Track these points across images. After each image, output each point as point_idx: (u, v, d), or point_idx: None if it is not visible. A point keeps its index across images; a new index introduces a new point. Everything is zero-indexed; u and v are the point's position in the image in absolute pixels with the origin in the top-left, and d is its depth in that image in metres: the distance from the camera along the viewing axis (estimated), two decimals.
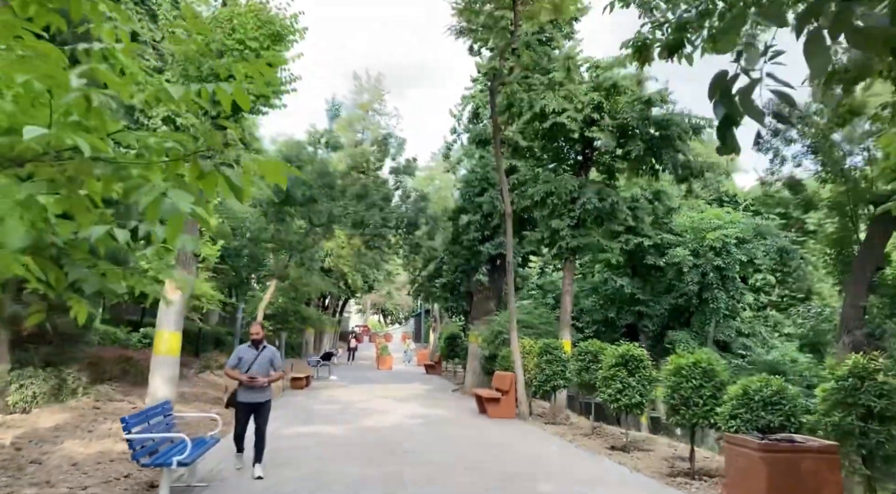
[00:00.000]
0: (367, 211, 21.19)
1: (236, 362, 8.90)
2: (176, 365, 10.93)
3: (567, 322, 18.46)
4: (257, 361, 8.87)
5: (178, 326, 11.19)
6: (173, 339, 11.05)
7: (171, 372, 10.82)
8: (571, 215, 18.01)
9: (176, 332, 11.11)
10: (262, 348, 8.96)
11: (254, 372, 8.80)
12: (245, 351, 8.98)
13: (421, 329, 63.40)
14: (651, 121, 17.40)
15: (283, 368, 9.16)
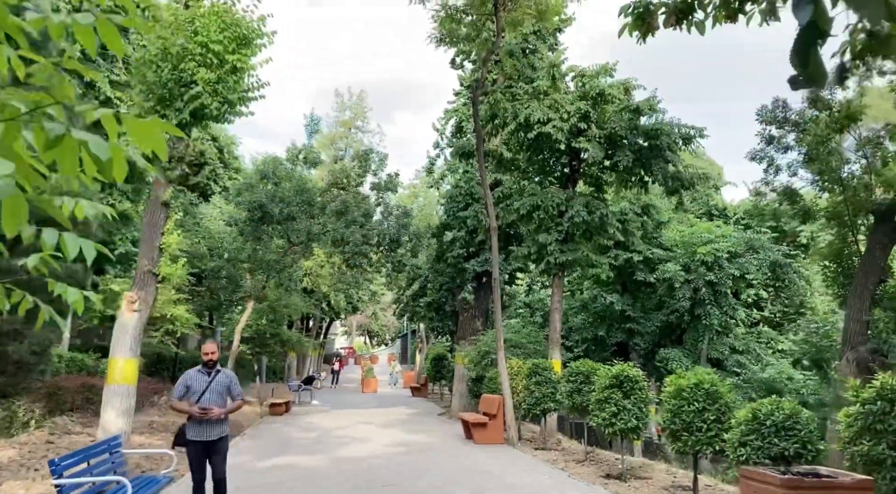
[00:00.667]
0: (347, 228, 20.34)
1: (183, 391, 7.38)
2: (131, 396, 9.99)
3: (557, 341, 17.65)
4: (210, 389, 7.33)
5: (135, 352, 10.26)
6: (128, 367, 10.11)
7: (125, 403, 9.87)
8: (559, 229, 17.27)
9: (131, 359, 10.18)
10: (215, 372, 7.44)
11: (206, 402, 7.27)
12: (194, 376, 7.44)
13: (408, 350, 62.33)
14: (640, 130, 16.76)
15: (242, 396, 7.64)
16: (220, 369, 7.50)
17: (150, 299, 10.50)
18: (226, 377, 7.50)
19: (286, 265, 22.44)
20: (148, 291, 10.48)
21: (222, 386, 7.42)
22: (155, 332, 24.50)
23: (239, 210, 22.18)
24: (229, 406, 7.51)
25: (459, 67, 24.31)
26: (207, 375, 7.46)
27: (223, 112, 10.99)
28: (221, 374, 7.49)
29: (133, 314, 10.21)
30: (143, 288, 10.44)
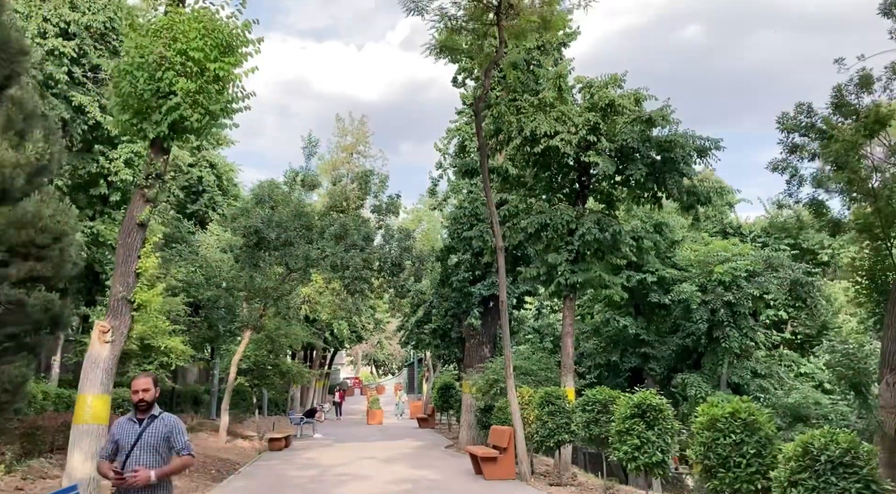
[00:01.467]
0: (347, 252, 19.42)
1: (111, 449, 5.34)
2: (101, 436, 9.00)
3: (569, 367, 16.60)
4: (141, 443, 5.22)
5: (106, 387, 9.28)
6: (99, 404, 9.12)
7: (95, 445, 8.86)
8: (569, 248, 16.32)
9: (103, 395, 9.19)
10: (149, 419, 5.33)
11: (134, 462, 5.16)
12: (123, 427, 5.35)
13: (414, 379, 61.07)
14: (653, 142, 15.87)
15: (190, 449, 5.51)
16: (157, 414, 5.40)
17: (124, 329, 9.56)
18: (164, 425, 5.37)
19: (284, 293, 21.48)
20: (122, 320, 9.55)
21: (158, 438, 5.28)
22: (148, 365, 23.51)
23: (235, 236, 21.33)
24: (168, 466, 5.29)
25: (462, 85, 23.59)
26: (138, 424, 5.33)
27: (205, 124, 10.14)
28: (158, 422, 5.36)
29: (105, 345, 9.26)
30: (118, 317, 9.51)
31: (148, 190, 10.07)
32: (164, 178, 10.45)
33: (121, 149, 21.48)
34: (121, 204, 22.41)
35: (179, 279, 26.79)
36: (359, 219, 20.75)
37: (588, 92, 16.41)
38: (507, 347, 15.12)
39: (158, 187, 10.15)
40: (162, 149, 10.27)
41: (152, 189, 10.10)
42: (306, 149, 22.51)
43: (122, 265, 9.73)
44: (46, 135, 12.44)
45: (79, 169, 21.19)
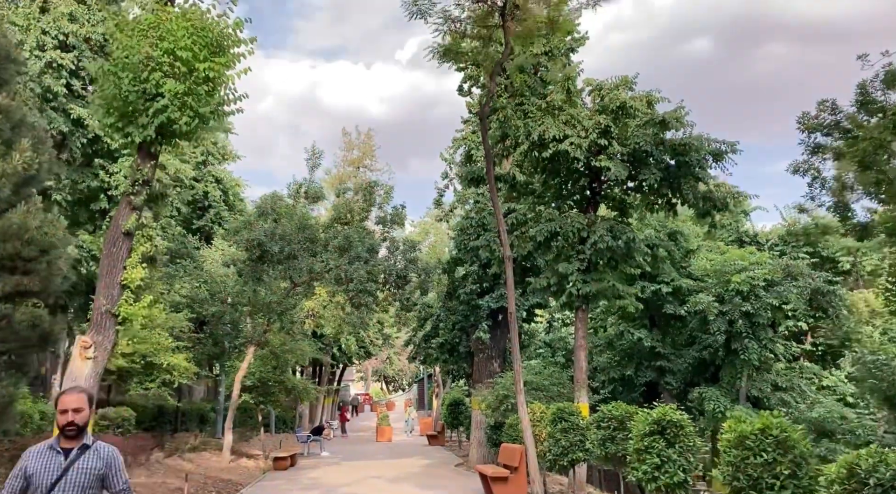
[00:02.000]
0: (351, 265, 18.84)
1: (20, 487, 4.06)
2: None
3: (583, 382, 15.89)
4: (67, 482, 4.01)
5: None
6: None
7: None
8: (581, 257, 15.67)
9: None
10: (80, 450, 4.12)
11: None
12: (41, 458, 4.09)
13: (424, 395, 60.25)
14: (666, 146, 15.24)
15: (128, 487, 4.33)
16: (89, 443, 4.21)
17: (108, 344, 9.00)
18: (98, 459, 4.14)
19: (288, 307, 20.89)
20: (106, 335, 8.98)
21: (90, 477, 4.06)
22: (150, 383, 22.96)
23: (237, 250, 20.83)
24: None
25: (467, 94, 23.06)
26: (63, 455, 4.07)
27: (194, 127, 9.61)
28: (91, 455, 4.12)
29: (86, 362, 8.70)
30: (101, 332, 8.95)
31: (135, 197, 9.54)
32: (152, 185, 9.91)
33: (121, 162, 21.06)
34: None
35: (184, 295, 26.31)
36: (363, 230, 20.18)
37: (598, 94, 15.83)
38: (516, 361, 14.44)
39: (146, 194, 9.62)
40: (149, 154, 9.75)
41: (139, 196, 9.57)
42: (310, 160, 22.01)
43: (106, 276, 9.18)
44: (35, 144, 11.95)
45: (78, 183, 20.78)
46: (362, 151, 40.03)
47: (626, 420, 12.09)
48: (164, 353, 22.02)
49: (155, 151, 9.74)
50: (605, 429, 12.33)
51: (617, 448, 12.06)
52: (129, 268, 9.21)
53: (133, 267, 9.25)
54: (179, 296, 26.08)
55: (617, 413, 12.24)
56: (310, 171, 21.80)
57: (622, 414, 12.16)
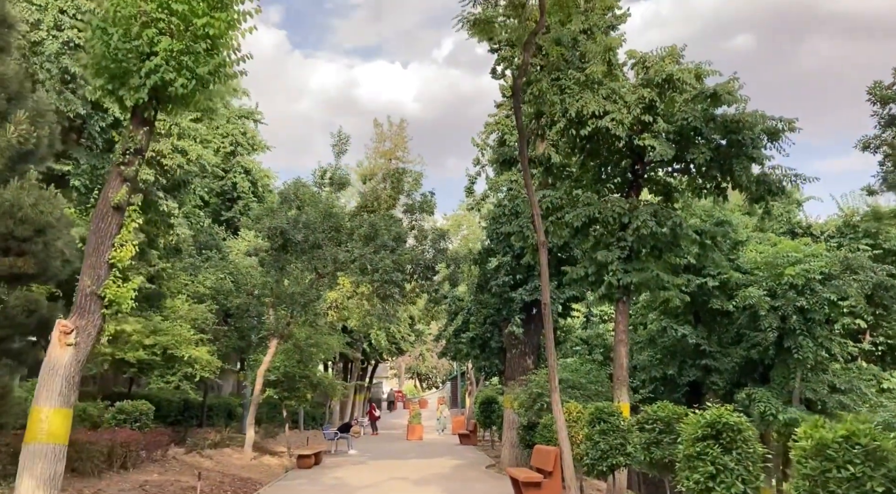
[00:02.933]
0: (376, 254, 17.84)
1: None
2: (59, 459, 7.51)
3: (623, 380, 14.63)
4: None
5: (67, 400, 7.77)
6: (57, 420, 7.61)
7: (50, 469, 7.37)
8: (621, 245, 14.41)
9: (61, 409, 7.68)
10: None
11: None
12: None
13: (458, 393, 59.20)
14: (717, 123, 13.88)
15: None
16: None
17: (92, 330, 8.07)
18: None
19: (312, 298, 19.98)
20: (90, 319, 8.05)
21: None
22: (172, 376, 22.29)
23: (259, 238, 20.01)
24: None
25: (501, 76, 21.87)
26: None
27: (192, 90, 8.64)
28: None
29: (67, 349, 7.77)
30: (84, 316, 8.02)
31: (125, 167, 8.60)
32: (145, 154, 8.97)
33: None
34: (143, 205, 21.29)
35: (208, 286, 25.64)
36: (390, 218, 19.16)
37: (641, 67, 14.53)
38: (551, 356, 13.25)
39: (138, 164, 8.68)
40: (143, 120, 8.81)
41: (130, 166, 8.63)
42: (336, 146, 21.04)
43: (92, 254, 8.26)
44: (34, 117, 11.17)
45: (99, 169, 20.13)
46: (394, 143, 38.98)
47: (674, 423, 10.88)
48: (185, 346, 21.32)
49: (149, 117, 8.80)
50: (650, 432, 11.12)
51: (663, 453, 10.85)
52: (117, 246, 8.28)
53: (122, 244, 8.30)
54: (204, 288, 25.45)
55: (663, 414, 11.02)
56: (336, 157, 20.87)
57: (669, 416, 10.94)
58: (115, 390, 24.35)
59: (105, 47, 8.27)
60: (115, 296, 8.02)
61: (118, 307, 7.97)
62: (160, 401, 24.44)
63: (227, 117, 33.93)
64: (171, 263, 23.33)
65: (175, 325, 21.71)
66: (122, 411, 18.57)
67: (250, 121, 35.51)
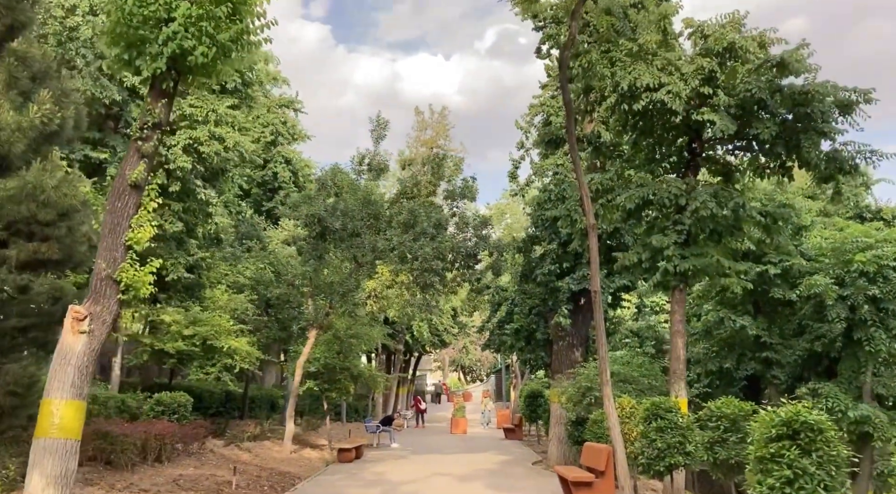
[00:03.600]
0: (416, 241, 17.13)
1: None
2: (71, 455, 6.98)
3: (680, 373, 13.62)
4: None
5: (80, 391, 7.23)
6: (70, 413, 7.07)
7: (61, 465, 6.84)
8: (678, 228, 13.38)
9: (74, 401, 7.14)
10: None
11: None
12: None
13: (502, 386, 58.38)
14: (784, 95, 12.72)
15: None
16: None
17: (108, 317, 7.51)
18: None
19: (351, 287, 19.39)
20: (106, 305, 7.50)
21: None
22: (211, 367, 22.01)
23: (297, 226, 19.51)
24: None
25: (546, 56, 20.92)
26: None
27: (212, 59, 8.00)
28: None
29: (80, 336, 7.23)
30: (99, 301, 7.47)
31: (143, 143, 8.02)
32: (165, 129, 8.37)
33: (179, 135, 20.06)
34: (181, 194, 21.04)
35: (248, 276, 25.32)
36: (430, 205, 18.44)
37: (700, 37, 13.43)
38: (602, 347, 12.36)
39: (157, 140, 8.08)
40: (162, 92, 8.21)
41: (149, 142, 8.04)
42: (374, 131, 20.37)
43: (108, 236, 7.69)
44: (58, 96, 10.70)
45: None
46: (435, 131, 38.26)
47: (740, 421, 9.93)
48: (225, 336, 21.01)
49: (168, 89, 8.18)
50: (714, 430, 10.19)
51: (729, 453, 9.93)
52: (135, 227, 7.69)
53: (140, 225, 7.72)
54: (244, 278, 25.14)
55: (728, 410, 10.07)
56: (374, 143, 20.19)
57: (735, 413, 9.99)
58: (157, 381, 24.25)
59: (120, 12, 7.68)
60: (131, 281, 7.44)
61: (135, 292, 7.39)
62: (201, 393, 24.26)
63: (268, 106, 33.62)
64: (210, 253, 23.03)
65: (214, 316, 21.42)
66: (160, 402, 18.31)
67: (290, 110, 35.16)
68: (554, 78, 21.12)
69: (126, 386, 22.35)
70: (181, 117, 20.24)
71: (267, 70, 32.97)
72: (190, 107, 20.33)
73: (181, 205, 21.04)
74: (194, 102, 20.45)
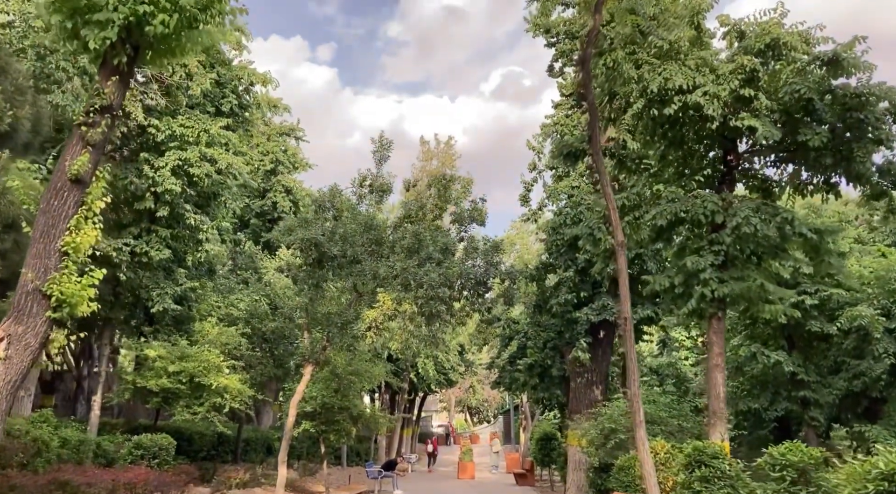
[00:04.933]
0: (420, 267, 15.63)
1: None
2: None
3: (721, 413, 11.99)
4: None
5: None
6: None
7: None
8: (715, 249, 11.88)
9: None
10: None
11: None
12: None
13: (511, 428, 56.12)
14: (837, 96, 11.31)
15: None
16: None
17: (32, 339, 5.99)
18: None
19: (349, 319, 17.83)
20: (31, 325, 5.99)
21: None
22: (199, 407, 20.29)
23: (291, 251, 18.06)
24: None
25: (559, 74, 19.73)
26: None
27: (176, 31, 6.61)
28: None
29: None
30: (22, 321, 5.97)
31: (89, 129, 6.58)
32: (117, 114, 6.96)
33: (168, 156, 18.76)
34: (169, 219, 19.64)
35: (241, 308, 23.78)
36: (435, 229, 16.98)
37: (734, 35, 12.08)
38: (634, 383, 10.75)
39: (106, 126, 6.65)
40: (114, 69, 6.81)
41: (96, 128, 6.61)
42: (377, 152, 19.04)
43: (39, 240, 6.24)
44: (11, 94, 9.36)
45: (120, 178, 18.51)
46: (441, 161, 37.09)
47: (810, 470, 8.25)
48: (214, 373, 19.39)
49: (121, 66, 6.79)
50: (778, 482, 8.49)
51: None
52: (73, 230, 6.23)
53: (80, 228, 6.25)
54: (237, 310, 23.59)
55: (795, 458, 8.38)
56: (377, 164, 18.83)
57: (804, 460, 8.30)
58: (143, 422, 22.52)
59: None
60: (66, 295, 5.93)
61: (70, 309, 5.90)
62: (191, 435, 22.55)
63: (268, 134, 32.50)
64: (200, 283, 21.53)
65: (203, 351, 19.82)
66: (139, 446, 16.65)
67: (291, 138, 34.02)
68: (568, 96, 19.88)
69: (107, 428, 20.65)
70: (170, 137, 18.96)
71: (268, 98, 31.96)
72: (180, 127, 19.07)
73: (169, 232, 19.61)
74: (185, 122, 19.20)
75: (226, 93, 22.13)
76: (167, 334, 20.48)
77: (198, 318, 21.42)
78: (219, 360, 19.70)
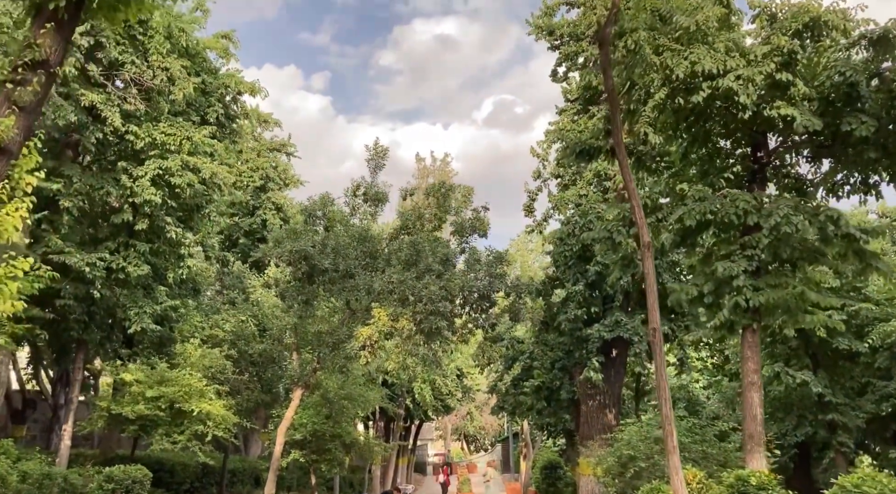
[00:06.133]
0: (419, 280, 14.35)
1: None
2: None
3: (758, 437, 10.69)
4: None
5: None
6: None
7: None
8: (748, 253, 10.66)
9: None
10: None
11: None
12: None
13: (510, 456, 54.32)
14: (885, 80, 10.20)
15: None
16: None
17: None
18: None
19: (341, 339, 16.48)
20: None
21: None
22: (179, 435, 18.77)
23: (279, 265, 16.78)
24: None
25: (563, 79, 18.68)
26: None
27: None
28: None
29: None
30: None
31: (18, 87, 5.32)
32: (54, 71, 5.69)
33: (147, 165, 17.50)
34: (149, 233, 18.31)
35: (227, 329, 22.34)
36: (434, 240, 15.75)
37: (765, 18, 10.98)
38: (666, 402, 9.43)
39: (38, 85, 5.40)
40: (51, 16, 5.57)
41: (26, 86, 5.35)
42: (371, 160, 17.85)
43: None
44: None
45: (96, 189, 17.24)
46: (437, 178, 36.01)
47: None
48: (196, 399, 17.95)
49: (59, 13, 5.55)
50: None
51: None
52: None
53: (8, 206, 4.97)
54: (222, 331, 22.15)
55: (874, 490, 7.07)
56: (371, 172, 17.63)
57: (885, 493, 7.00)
58: (120, 453, 20.95)
59: None
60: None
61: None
62: (173, 466, 21.01)
63: (258, 150, 31.31)
64: (182, 301, 20.15)
65: (184, 374, 18.38)
66: (110, 479, 15.20)
67: (282, 154, 32.82)
68: (573, 101, 18.81)
69: (80, 459, 19.11)
70: (150, 145, 17.73)
71: (258, 113, 30.84)
72: (161, 134, 17.85)
73: (149, 246, 18.27)
74: (166, 129, 17.99)
75: (211, 102, 20.96)
76: (146, 356, 19.05)
77: (179, 340, 20.00)
78: (201, 385, 18.29)
